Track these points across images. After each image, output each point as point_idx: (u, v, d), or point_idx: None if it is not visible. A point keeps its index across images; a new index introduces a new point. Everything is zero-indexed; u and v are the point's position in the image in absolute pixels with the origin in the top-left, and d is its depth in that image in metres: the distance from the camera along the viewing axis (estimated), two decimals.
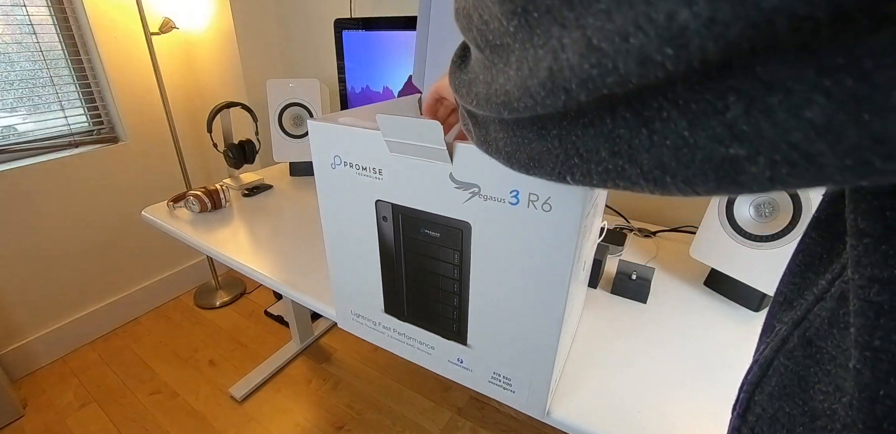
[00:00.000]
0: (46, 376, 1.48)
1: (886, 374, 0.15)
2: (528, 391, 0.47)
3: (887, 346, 0.15)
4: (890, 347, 0.15)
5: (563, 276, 0.38)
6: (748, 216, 0.66)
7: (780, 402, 0.21)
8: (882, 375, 0.15)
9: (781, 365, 0.21)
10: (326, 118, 0.46)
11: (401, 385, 1.43)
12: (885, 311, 0.15)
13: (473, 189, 0.38)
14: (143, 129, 1.61)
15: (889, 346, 0.15)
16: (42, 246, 1.45)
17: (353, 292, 0.56)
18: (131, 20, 1.44)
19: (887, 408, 0.15)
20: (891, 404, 0.15)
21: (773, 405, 0.21)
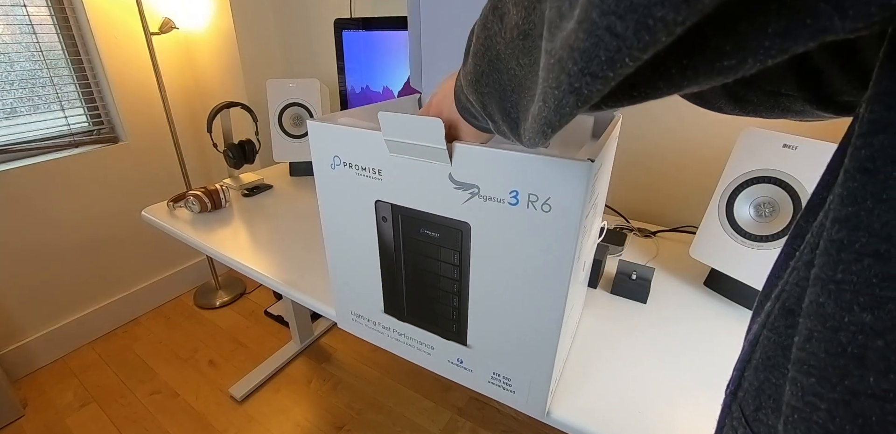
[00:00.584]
0: (46, 376, 1.48)
1: (849, 302, 0.16)
2: (527, 391, 0.47)
3: (848, 277, 0.16)
4: (851, 278, 0.16)
5: (563, 276, 0.38)
6: (748, 216, 0.66)
7: (766, 373, 0.21)
8: (845, 304, 0.16)
9: (765, 337, 0.22)
10: (326, 118, 0.46)
11: (401, 385, 1.43)
12: (844, 247, 0.16)
13: (473, 189, 0.38)
14: (143, 129, 1.61)
15: (850, 277, 0.16)
16: (42, 246, 1.45)
17: (352, 292, 0.56)
18: (131, 20, 1.44)
19: (851, 334, 0.16)
20: (854, 330, 0.16)
21: (759, 377, 0.22)
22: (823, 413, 0.17)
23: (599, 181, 0.39)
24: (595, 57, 0.14)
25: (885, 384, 0.15)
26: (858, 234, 0.16)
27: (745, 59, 0.14)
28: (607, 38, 0.13)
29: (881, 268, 0.15)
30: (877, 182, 0.15)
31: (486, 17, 0.23)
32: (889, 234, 0.15)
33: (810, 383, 0.17)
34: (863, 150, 0.16)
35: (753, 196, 0.66)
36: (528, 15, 0.19)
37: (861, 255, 0.16)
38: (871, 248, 0.15)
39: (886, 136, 0.15)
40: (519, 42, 0.21)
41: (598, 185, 0.38)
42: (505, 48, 0.22)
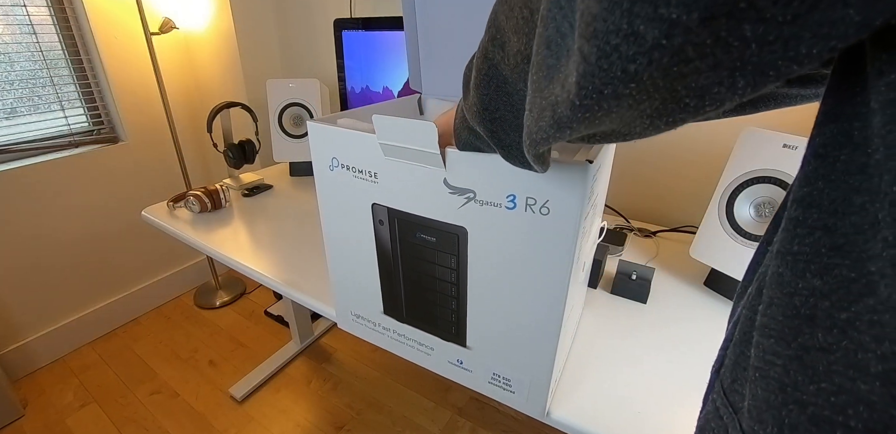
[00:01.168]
0: (46, 376, 1.48)
1: (803, 270, 0.18)
2: (527, 392, 0.47)
3: (803, 248, 0.18)
4: (805, 249, 0.18)
5: (562, 278, 0.38)
6: (748, 216, 0.66)
7: (741, 348, 0.23)
8: (800, 272, 0.18)
9: (742, 316, 0.24)
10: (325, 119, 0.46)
11: (401, 385, 1.43)
12: (799, 223, 0.18)
13: (469, 194, 0.38)
14: (143, 129, 1.61)
15: (804, 249, 0.18)
16: (42, 246, 1.45)
17: (352, 293, 0.56)
18: (131, 20, 1.44)
19: (803, 297, 0.18)
20: (806, 294, 0.18)
21: (735, 352, 0.24)
22: (780, 368, 0.19)
23: (598, 182, 0.39)
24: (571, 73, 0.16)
25: (831, 338, 0.17)
26: (811, 211, 0.18)
27: (723, 104, 0.15)
28: (578, 59, 0.15)
29: (829, 239, 0.17)
30: (826, 165, 0.17)
31: (486, 48, 0.25)
32: (835, 210, 0.17)
33: (769, 344, 0.20)
34: (817, 138, 0.18)
35: (754, 196, 0.66)
36: (530, 41, 0.21)
37: (813, 229, 0.18)
38: (822, 223, 0.17)
39: (836, 125, 0.17)
40: (524, 65, 0.22)
41: (597, 186, 0.38)
42: (511, 73, 0.23)
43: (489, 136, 0.28)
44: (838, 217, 0.17)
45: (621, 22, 0.13)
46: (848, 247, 0.16)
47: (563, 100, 0.17)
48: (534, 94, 0.20)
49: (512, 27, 0.22)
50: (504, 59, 0.23)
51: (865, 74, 0.15)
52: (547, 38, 0.18)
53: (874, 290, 0.15)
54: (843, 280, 0.16)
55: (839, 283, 0.17)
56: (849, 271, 0.16)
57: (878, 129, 0.14)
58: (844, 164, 0.17)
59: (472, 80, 0.27)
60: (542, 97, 0.19)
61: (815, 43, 0.12)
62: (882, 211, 0.14)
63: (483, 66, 0.25)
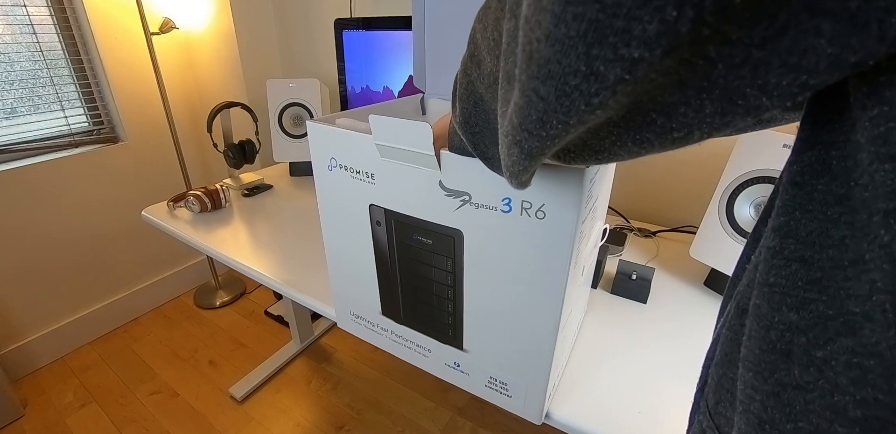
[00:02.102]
0: (46, 376, 1.48)
1: (779, 303, 0.17)
2: (524, 396, 0.47)
3: (779, 280, 0.17)
4: (781, 281, 0.17)
5: (559, 282, 0.37)
6: (748, 216, 0.66)
7: (723, 369, 0.23)
8: (776, 305, 0.18)
9: (723, 335, 0.23)
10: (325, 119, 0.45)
11: (401, 385, 1.43)
12: (776, 253, 0.18)
13: (464, 197, 0.38)
14: (143, 129, 1.61)
15: (780, 281, 0.17)
16: (42, 246, 1.45)
17: (351, 293, 0.56)
18: (131, 20, 1.44)
19: (779, 332, 0.17)
20: (783, 328, 0.17)
21: (718, 372, 0.23)
22: (758, 404, 0.18)
23: (598, 185, 0.39)
24: (528, 115, 0.15)
25: (808, 376, 0.16)
26: (788, 242, 0.17)
27: (692, 131, 0.15)
28: (535, 100, 0.15)
29: (806, 272, 0.16)
30: (804, 194, 0.17)
31: (466, 63, 0.24)
32: (813, 242, 0.16)
33: (749, 377, 0.19)
34: (794, 165, 0.18)
35: (753, 196, 0.66)
36: (499, 62, 0.21)
37: (789, 261, 0.17)
38: (798, 255, 0.17)
39: (813, 153, 0.17)
40: (495, 87, 0.22)
41: (596, 189, 0.38)
42: (486, 92, 0.23)
43: (471, 147, 0.28)
44: (815, 250, 0.16)
45: (578, 64, 0.13)
46: (826, 281, 0.16)
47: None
48: (502, 129, 0.19)
49: (486, 47, 0.21)
50: (480, 78, 0.23)
51: (844, 102, 0.15)
52: (507, 72, 0.18)
53: (854, 331, 0.15)
54: (820, 316, 0.16)
55: (816, 319, 0.16)
56: (826, 308, 0.16)
57: (864, 166, 0.14)
58: (822, 195, 0.16)
59: (455, 92, 0.27)
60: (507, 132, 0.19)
61: (785, 73, 0.12)
62: (871, 252, 0.14)
63: (463, 81, 0.25)
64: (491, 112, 0.24)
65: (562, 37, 0.12)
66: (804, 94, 0.12)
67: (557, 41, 0.13)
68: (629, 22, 0.11)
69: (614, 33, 0.11)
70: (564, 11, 0.12)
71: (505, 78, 0.18)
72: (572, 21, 0.12)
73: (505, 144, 0.19)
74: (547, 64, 0.13)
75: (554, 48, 0.13)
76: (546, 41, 0.13)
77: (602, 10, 0.11)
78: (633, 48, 0.12)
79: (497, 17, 0.20)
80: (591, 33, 0.12)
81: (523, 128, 0.16)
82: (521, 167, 0.19)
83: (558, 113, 0.14)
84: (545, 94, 0.14)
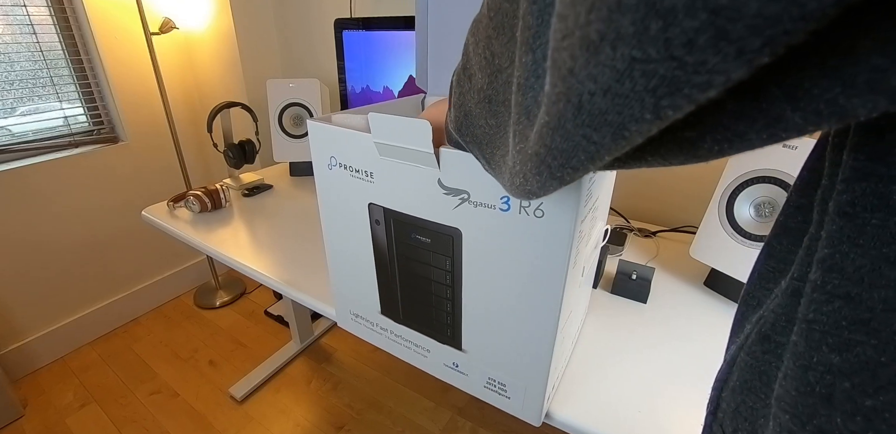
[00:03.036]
0: (46, 376, 1.48)
1: (818, 342, 0.16)
2: (523, 397, 0.46)
3: (819, 317, 0.16)
4: (821, 318, 0.16)
5: (558, 282, 0.37)
6: (748, 216, 0.66)
7: (742, 396, 0.22)
8: (815, 344, 0.16)
9: (742, 361, 0.22)
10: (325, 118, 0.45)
11: (401, 385, 1.43)
12: (817, 287, 0.17)
13: (463, 195, 0.38)
14: (143, 129, 1.61)
15: (820, 317, 0.16)
16: (42, 246, 1.45)
17: (351, 292, 0.56)
18: (131, 20, 1.44)
19: (818, 373, 0.16)
20: (822, 370, 0.16)
21: (736, 399, 0.22)
22: None
23: (598, 185, 0.38)
24: (574, 156, 0.15)
25: (853, 426, 0.15)
26: (832, 276, 0.16)
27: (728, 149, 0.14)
28: (585, 144, 0.14)
29: (850, 311, 0.15)
30: (854, 226, 0.16)
31: (459, 74, 0.24)
32: (861, 279, 0.15)
33: (785, 420, 0.18)
34: (844, 194, 0.16)
35: (754, 196, 0.66)
36: (492, 81, 0.20)
37: (832, 297, 0.16)
38: (843, 291, 0.16)
39: (868, 184, 0.15)
40: (485, 105, 0.21)
41: (596, 188, 0.38)
42: (475, 107, 0.22)
43: (466, 149, 0.28)
44: (864, 288, 0.15)
45: (643, 113, 0.12)
46: (876, 324, 0.15)
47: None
48: (521, 161, 0.18)
49: (477, 64, 0.21)
50: (470, 92, 0.22)
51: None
52: (527, 108, 0.17)
53: None
54: (868, 361, 0.15)
55: (861, 363, 0.15)
56: (875, 353, 0.14)
57: None
58: (877, 229, 0.15)
59: (452, 97, 0.26)
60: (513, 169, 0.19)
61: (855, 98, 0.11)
62: None
63: (456, 91, 0.24)
64: (478, 127, 0.24)
65: (626, 92, 0.12)
66: (830, 118, 0.12)
67: (619, 95, 0.12)
68: (711, 76, 0.10)
69: (691, 86, 0.11)
70: (631, 68, 0.11)
71: (524, 113, 0.17)
72: (640, 78, 0.11)
73: (537, 181, 0.18)
74: (604, 114, 0.13)
75: (615, 102, 0.12)
76: (604, 95, 0.12)
77: (680, 67, 0.10)
78: (711, 92, 0.11)
79: (489, 36, 0.19)
80: (663, 88, 0.11)
81: (567, 166, 0.16)
82: (547, 190, 0.19)
83: (612, 151, 0.14)
84: (599, 139, 0.14)
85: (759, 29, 0.09)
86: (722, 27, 0.09)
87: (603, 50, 0.11)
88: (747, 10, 0.09)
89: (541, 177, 0.17)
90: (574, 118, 0.14)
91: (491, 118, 0.22)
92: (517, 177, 0.19)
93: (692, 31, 0.10)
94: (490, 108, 0.21)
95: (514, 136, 0.19)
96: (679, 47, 0.10)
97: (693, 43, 0.10)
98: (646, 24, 0.10)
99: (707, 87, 0.11)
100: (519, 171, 0.19)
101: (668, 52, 0.10)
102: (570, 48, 0.12)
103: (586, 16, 0.11)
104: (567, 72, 0.13)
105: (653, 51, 0.10)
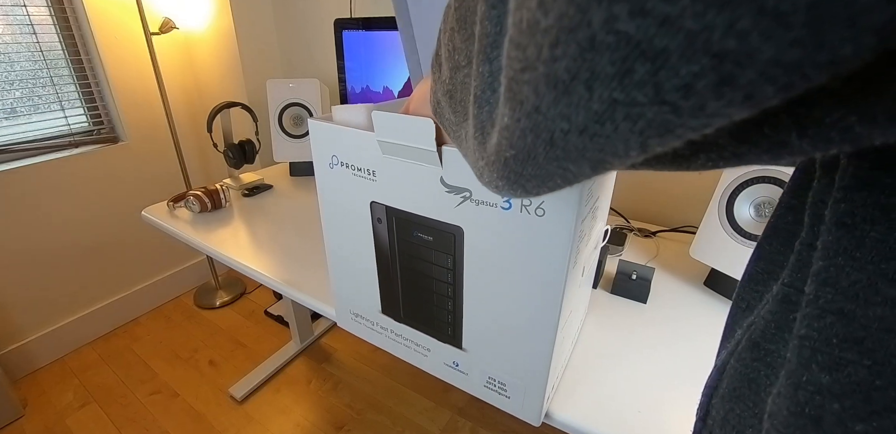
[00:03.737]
0: (46, 376, 1.48)
1: (808, 360, 0.15)
2: (523, 397, 0.46)
3: (810, 333, 0.15)
4: (812, 334, 0.15)
5: (558, 282, 0.37)
6: (748, 216, 0.66)
7: (731, 404, 0.21)
8: (805, 361, 0.15)
9: (732, 367, 0.21)
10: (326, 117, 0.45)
11: (401, 385, 1.43)
12: (810, 301, 0.16)
13: (465, 193, 0.38)
14: (143, 129, 1.61)
15: (811, 333, 0.15)
16: (42, 246, 1.45)
17: (351, 291, 0.56)
18: (131, 20, 1.44)
19: (808, 393, 0.15)
20: (812, 390, 0.15)
21: (725, 407, 0.21)
22: None
23: (598, 184, 0.39)
24: (550, 181, 0.14)
25: None
26: (825, 290, 0.15)
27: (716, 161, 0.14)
28: (561, 173, 0.13)
29: (843, 328, 0.14)
30: (852, 238, 0.15)
31: (433, 59, 0.23)
32: (856, 294, 0.14)
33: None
34: (843, 203, 0.15)
35: (753, 196, 0.66)
36: (452, 77, 0.19)
37: (824, 312, 0.15)
38: (836, 306, 0.15)
39: (870, 194, 0.14)
40: (448, 99, 0.20)
41: (596, 188, 0.38)
42: (442, 97, 0.22)
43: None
44: (859, 304, 0.14)
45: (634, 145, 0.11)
46: (870, 343, 0.14)
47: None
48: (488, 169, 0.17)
49: (444, 53, 0.20)
50: (439, 81, 0.21)
51: None
52: (482, 123, 0.16)
53: None
54: (860, 383, 0.14)
55: (853, 385, 0.14)
56: (870, 374, 0.14)
57: None
58: (876, 243, 0.14)
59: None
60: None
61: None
62: None
63: (433, 74, 0.23)
64: (445, 119, 0.22)
65: (608, 132, 0.11)
66: (840, 144, 0.11)
67: (599, 135, 0.11)
68: (710, 120, 0.09)
69: (685, 128, 0.10)
70: (612, 110, 0.10)
71: (479, 129, 0.16)
72: (624, 120, 0.10)
73: (502, 183, 0.17)
74: (581, 151, 0.12)
75: (595, 141, 0.11)
76: (580, 134, 0.11)
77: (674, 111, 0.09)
78: (707, 130, 0.10)
79: (452, 28, 0.18)
80: (652, 130, 0.10)
81: (544, 186, 0.15)
82: (518, 196, 0.18)
83: (594, 177, 0.13)
84: (577, 170, 0.13)
85: (773, 76, 0.08)
86: (728, 73, 0.08)
87: (575, 90, 0.10)
88: (760, 56, 0.08)
89: (513, 190, 0.16)
90: (546, 153, 0.12)
91: (453, 114, 0.20)
92: (488, 182, 0.18)
93: (689, 76, 0.08)
94: (451, 103, 0.20)
95: (475, 148, 0.17)
96: (672, 92, 0.09)
97: (690, 88, 0.09)
98: (629, 65, 0.09)
99: (704, 128, 0.10)
100: (488, 181, 0.17)
101: (659, 96, 0.09)
102: (534, 83, 0.11)
103: (550, 51, 0.10)
104: (532, 109, 0.11)
105: (639, 95, 0.09)
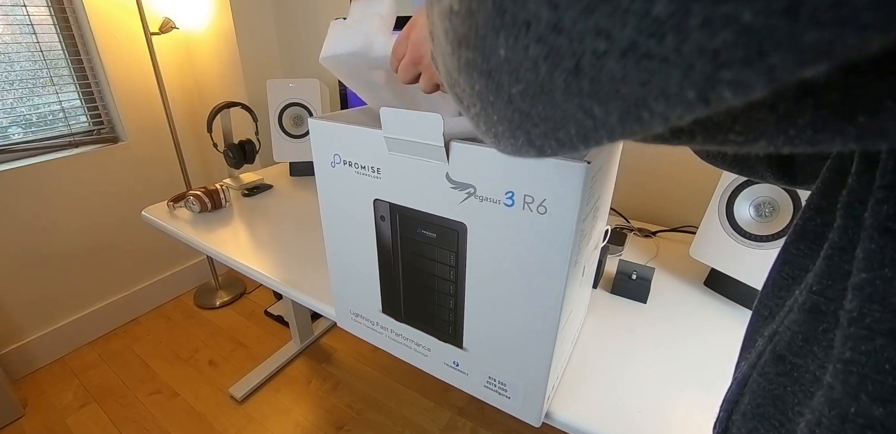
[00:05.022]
0: (46, 376, 1.48)
1: (857, 388, 0.13)
2: (523, 397, 0.46)
3: (857, 357, 0.13)
4: (859, 358, 0.13)
5: (559, 280, 0.37)
6: (748, 216, 0.66)
7: (754, 422, 0.19)
8: (852, 390, 0.13)
9: (755, 382, 0.19)
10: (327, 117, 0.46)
11: (401, 385, 1.43)
12: (854, 319, 0.13)
13: (469, 189, 0.38)
14: (143, 129, 1.61)
15: (858, 358, 0.13)
16: (42, 245, 1.45)
17: (351, 291, 0.56)
18: (131, 20, 1.44)
19: (858, 427, 0.13)
20: (862, 424, 0.13)
21: (747, 425, 0.19)
22: None
23: (600, 184, 0.39)
24: (562, 128, 0.12)
25: None
26: (871, 307, 0.13)
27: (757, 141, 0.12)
28: (580, 117, 0.11)
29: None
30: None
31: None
32: None
33: None
34: (886, 204, 0.13)
35: (753, 196, 0.66)
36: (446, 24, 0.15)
37: (873, 333, 0.13)
38: (886, 326, 0.12)
39: None
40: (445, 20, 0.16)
41: (597, 187, 0.38)
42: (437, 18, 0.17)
43: None
44: None
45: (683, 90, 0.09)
46: None
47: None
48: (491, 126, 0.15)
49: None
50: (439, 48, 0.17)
51: None
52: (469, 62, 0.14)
53: None
54: None
55: None
56: None
57: None
58: None
59: None
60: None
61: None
62: None
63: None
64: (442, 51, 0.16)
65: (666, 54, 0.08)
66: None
67: (651, 58, 0.08)
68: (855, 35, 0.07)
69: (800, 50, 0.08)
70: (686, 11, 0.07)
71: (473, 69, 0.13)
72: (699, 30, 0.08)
73: (503, 136, 0.14)
74: (616, 83, 0.09)
75: (641, 67, 0.08)
76: (622, 57, 0.08)
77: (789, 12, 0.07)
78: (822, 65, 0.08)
79: None
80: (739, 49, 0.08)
81: (552, 137, 0.12)
82: (522, 156, 0.15)
83: (615, 134, 0.11)
84: (602, 115, 0.10)
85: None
86: None
87: None
88: None
89: (514, 138, 0.14)
90: (567, 86, 0.10)
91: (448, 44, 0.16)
92: (487, 135, 0.15)
93: None
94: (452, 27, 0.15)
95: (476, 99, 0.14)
96: None
97: None
98: None
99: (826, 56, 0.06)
100: (485, 129, 0.15)
101: None
102: None
103: None
104: (548, 29, 0.09)
105: None
